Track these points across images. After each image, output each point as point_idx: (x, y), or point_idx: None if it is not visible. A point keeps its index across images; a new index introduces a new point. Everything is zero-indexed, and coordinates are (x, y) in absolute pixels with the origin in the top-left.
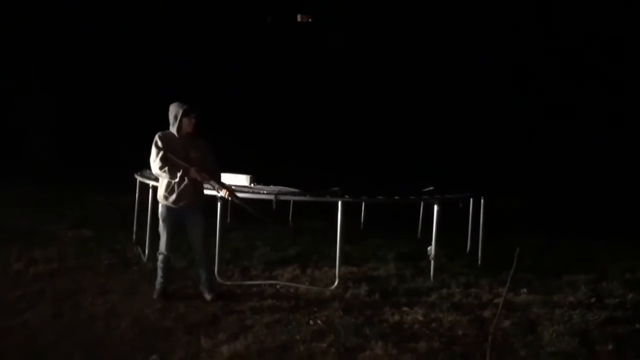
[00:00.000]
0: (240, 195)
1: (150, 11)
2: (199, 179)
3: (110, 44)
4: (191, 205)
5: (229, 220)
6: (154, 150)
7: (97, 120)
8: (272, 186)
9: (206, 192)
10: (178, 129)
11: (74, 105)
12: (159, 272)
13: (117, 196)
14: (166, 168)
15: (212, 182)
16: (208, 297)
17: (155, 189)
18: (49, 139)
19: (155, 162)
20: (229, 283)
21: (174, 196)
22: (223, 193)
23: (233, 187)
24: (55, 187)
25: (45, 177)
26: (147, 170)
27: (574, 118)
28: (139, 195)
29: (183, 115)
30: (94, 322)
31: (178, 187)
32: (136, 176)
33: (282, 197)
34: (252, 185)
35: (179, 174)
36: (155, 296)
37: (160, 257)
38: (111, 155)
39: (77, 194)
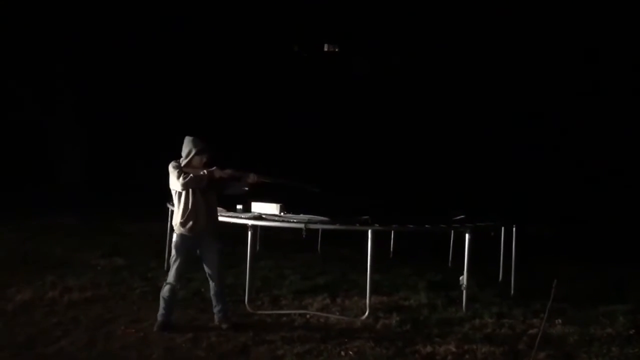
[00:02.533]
0: (270, 224)
1: (182, 40)
2: (224, 176)
3: (141, 71)
4: (206, 232)
5: (258, 248)
6: (173, 170)
7: (129, 149)
8: (301, 215)
9: (229, 219)
10: (187, 165)
11: (106, 134)
12: (162, 303)
13: (148, 224)
14: (190, 175)
15: (235, 174)
16: (224, 325)
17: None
18: (81, 168)
19: (178, 178)
20: (259, 312)
21: (191, 223)
22: (250, 180)
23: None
24: (87, 215)
25: (78, 205)
26: None
27: (606, 144)
28: (170, 224)
29: (196, 154)
30: (127, 351)
31: (194, 212)
32: (168, 205)
33: (312, 226)
34: (282, 214)
35: (205, 176)
36: (155, 328)
37: (166, 287)
38: (142, 184)
39: (109, 223)
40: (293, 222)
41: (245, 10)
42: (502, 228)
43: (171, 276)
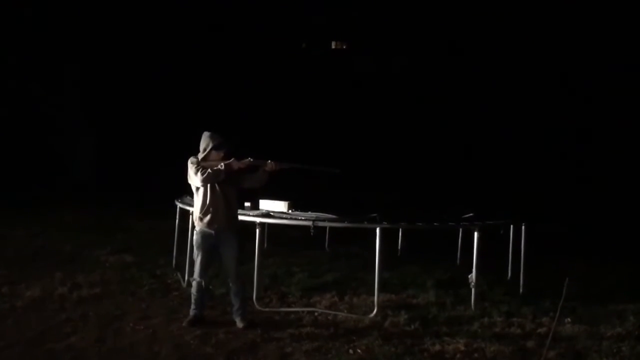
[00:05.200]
0: (278, 221)
1: (191, 37)
2: (242, 166)
3: (150, 68)
4: (225, 229)
5: (266, 245)
6: (191, 166)
7: (139, 146)
8: (309, 212)
9: (242, 217)
10: (204, 159)
11: (116, 131)
12: (192, 299)
13: (157, 222)
14: (208, 171)
15: (253, 162)
16: (240, 324)
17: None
18: (91, 165)
19: (196, 174)
20: (267, 310)
21: (208, 217)
22: (269, 168)
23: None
24: (97, 212)
25: (87, 202)
26: (188, 197)
27: (614, 141)
28: (179, 222)
29: (213, 149)
30: (136, 347)
31: (212, 207)
32: (177, 202)
33: (320, 224)
34: (290, 211)
35: (222, 169)
36: (184, 324)
37: (193, 284)
38: (152, 181)
39: (119, 220)
40: (301, 219)
41: (254, 8)
42: (511, 226)
43: (196, 272)
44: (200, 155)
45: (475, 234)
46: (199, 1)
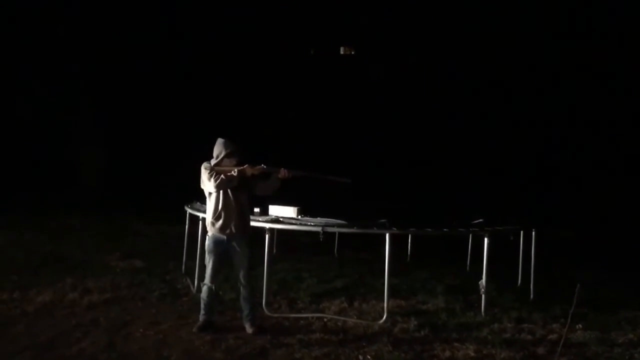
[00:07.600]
0: (287, 227)
1: (201, 43)
2: (255, 172)
3: (160, 74)
4: (237, 234)
5: (275, 251)
6: (204, 171)
7: (148, 151)
8: (319, 218)
9: (251, 223)
10: (217, 165)
11: (126, 137)
12: (202, 304)
13: (167, 227)
14: (222, 177)
15: (267, 169)
16: (250, 330)
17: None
18: (101, 170)
19: (210, 179)
20: (276, 315)
21: (220, 222)
22: (282, 175)
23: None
24: (106, 217)
25: (97, 207)
26: (197, 203)
27: (626, 147)
28: (188, 227)
29: (226, 157)
30: (146, 353)
31: (224, 212)
32: (186, 208)
33: (329, 229)
34: (299, 217)
35: (235, 175)
36: (194, 329)
37: (204, 288)
38: (161, 187)
39: (128, 225)
40: (310, 225)
41: (264, 14)
42: (521, 232)
43: (207, 277)
44: (213, 162)
45: (485, 239)
46: (209, 8)
